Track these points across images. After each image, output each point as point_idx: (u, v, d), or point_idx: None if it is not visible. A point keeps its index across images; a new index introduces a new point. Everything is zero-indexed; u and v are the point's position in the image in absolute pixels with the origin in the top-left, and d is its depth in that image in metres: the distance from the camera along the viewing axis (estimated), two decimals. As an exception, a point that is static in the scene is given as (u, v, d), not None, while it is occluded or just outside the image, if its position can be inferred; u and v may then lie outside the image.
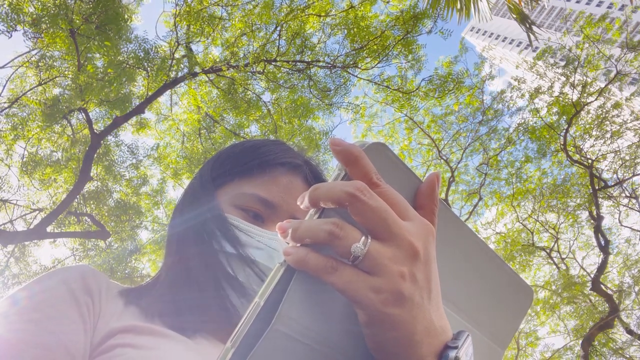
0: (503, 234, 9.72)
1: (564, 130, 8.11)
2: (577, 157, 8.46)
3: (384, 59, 6.59)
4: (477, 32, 75.23)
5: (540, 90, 8.71)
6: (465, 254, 0.39)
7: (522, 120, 9.02)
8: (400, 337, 0.30)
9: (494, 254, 0.41)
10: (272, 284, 0.30)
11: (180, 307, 0.55)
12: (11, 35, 4.84)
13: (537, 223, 9.42)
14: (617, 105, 8.31)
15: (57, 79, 5.86)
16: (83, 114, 5.94)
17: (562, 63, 8.61)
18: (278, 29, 6.26)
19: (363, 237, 0.29)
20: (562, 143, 8.23)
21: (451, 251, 0.38)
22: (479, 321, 0.41)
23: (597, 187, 7.89)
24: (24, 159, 6.30)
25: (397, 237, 0.30)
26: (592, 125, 8.56)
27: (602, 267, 7.45)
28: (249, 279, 0.56)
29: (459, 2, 4.36)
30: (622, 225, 9.15)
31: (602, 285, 7.62)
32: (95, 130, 5.72)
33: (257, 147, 0.65)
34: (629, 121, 8.65)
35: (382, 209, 0.30)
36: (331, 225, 0.29)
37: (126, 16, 5.40)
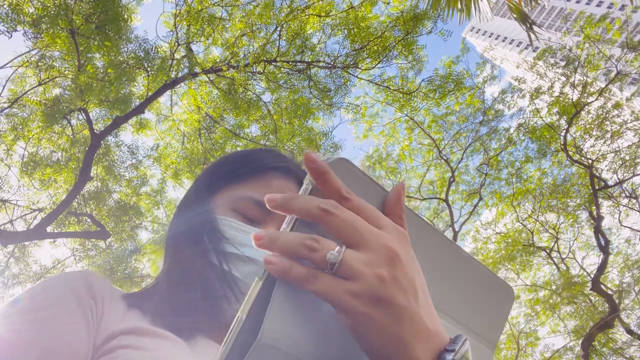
0: (503, 234, 9.71)
1: (564, 130, 8.11)
2: (577, 157, 8.46)
3: (385, 59, 6.59)
4: (477, 32, 75.23)
5: (540, 90, 8.71)
6: (440, 259, 0.40)
7: (523, 120, 9.02)
8: (386, 337, 0.31)
9: (469, 256, 0.41)
10: (252, 297, 0.31)
11: (178, 309, 0.56)
12: (11, 36, 4.84)
13: (537, 223, 9.42)
14: (617, 105, 8.31)
15: (57, 79, 5.86)
16: (83, 114, 5.94)
17: (563, 63, 8.61)
18: (278, 29, 6.26)
19: (337, 247, 0.31)
20: (562, 143, 8.23)
21: (425, 257, 0.38)
22: (466, 324, 0.41)
23: (597, 187, 7.88)
24: (24, 159, 6.30)
25: (371, 243, 0.31)
26: (592, 125, 8.56)
27: (602, 267, 7.45)
28: (243, 275, 0.58)
29: (459, 2, 4.36)
30: (622, 225, 9.15)
31: (602, 285, 7.62)
32: (95, 131, 5.72)
33: (250, 154, 0.68)
34: (629, 121, 8.65)
35: (353, 219, 0.32)
36: (310, 241, 0.31)
37: (126, 16, 5.40)
